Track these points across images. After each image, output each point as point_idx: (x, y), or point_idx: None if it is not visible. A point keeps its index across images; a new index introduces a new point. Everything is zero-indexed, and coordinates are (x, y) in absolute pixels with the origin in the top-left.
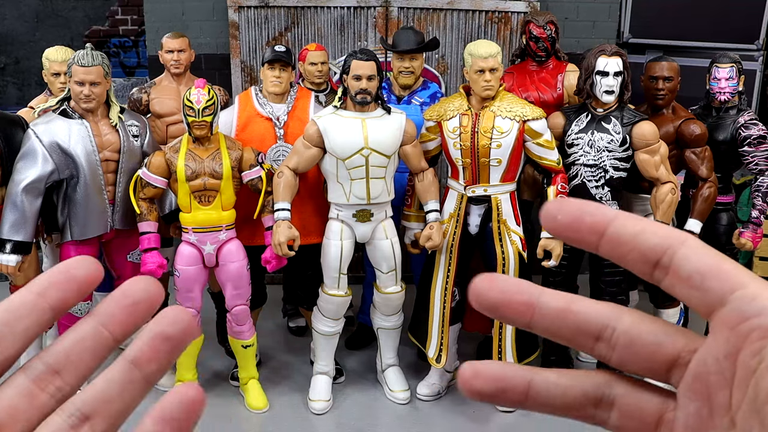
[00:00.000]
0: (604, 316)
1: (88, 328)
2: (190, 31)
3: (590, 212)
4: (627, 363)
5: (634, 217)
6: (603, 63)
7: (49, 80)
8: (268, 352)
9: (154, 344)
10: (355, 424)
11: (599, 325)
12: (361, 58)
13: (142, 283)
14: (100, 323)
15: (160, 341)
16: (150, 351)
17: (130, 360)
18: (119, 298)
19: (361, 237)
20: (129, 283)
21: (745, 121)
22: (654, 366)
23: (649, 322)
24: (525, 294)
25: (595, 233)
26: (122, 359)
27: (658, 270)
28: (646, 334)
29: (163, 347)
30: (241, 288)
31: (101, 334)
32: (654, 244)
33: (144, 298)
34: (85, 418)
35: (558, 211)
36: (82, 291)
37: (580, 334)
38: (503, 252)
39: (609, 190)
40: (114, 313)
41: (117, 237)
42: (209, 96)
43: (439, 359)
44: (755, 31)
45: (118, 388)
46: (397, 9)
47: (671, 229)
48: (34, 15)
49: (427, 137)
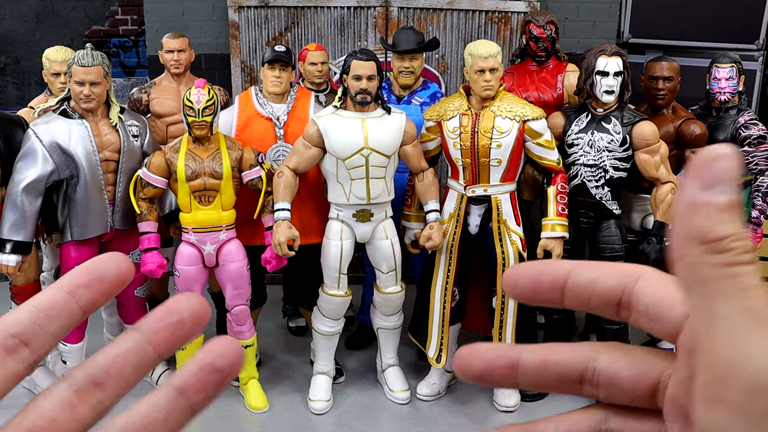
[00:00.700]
0: (582, 358)
1: (131, 342)
2: (190, 31)
3: (547, 272)
4: (614, 398)
5: (590, 265)
6: (603, 63)
7: (49, 80)
8: (268, 352)
9: (202, 375)
10: (355, 424)
11: (579, 368)
12: (361, 58)
13: (188, 301)
14: (145, 339)
15: (208, 373)
16: (198, 382)
17: (177, 388)
18: (165, 315)
19: (361, 237)
20: (175, 300)
21: (745, 121)
22: (638, 395)
23: (626, 354)
24: (505, 358)
25: (556, 290)
26: (168, 386)
27: (621, 309)
28: (624, 368)
29: (211, 378)
30: (241, 288)
31: (145, 351)
32: (610, 286)
33: (189, 317)
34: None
35: (517, 277)
36: (113, 291)
37: (564, 381)
38: (503, 252)
39: (609, 190)
40: (159, 329)
41: (117, 237)
42: (209, 96)
43: (439, 359)
44: (755, 31)
45: (163, 415)
46: (397, 9)
47: (625, 267)
48: (34, 15)
49: (427, 137)
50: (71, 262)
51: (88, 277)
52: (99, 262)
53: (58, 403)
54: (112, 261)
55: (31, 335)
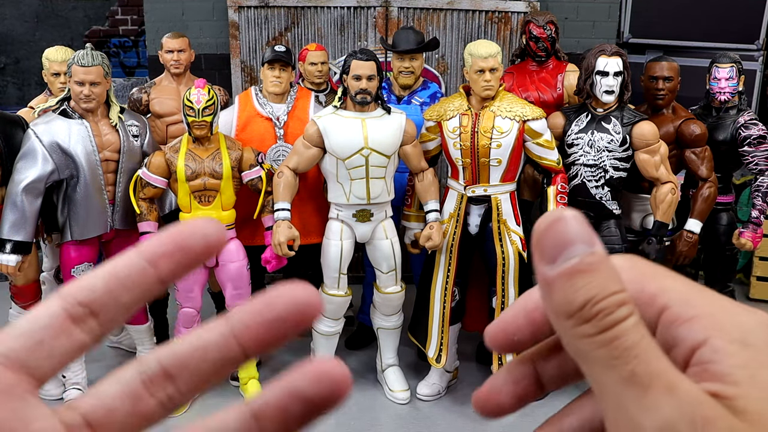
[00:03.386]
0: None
1: (216, 335)
2: (190, 31)
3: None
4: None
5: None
6: (603, 63)
7: (49, 80)
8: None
9: (285, 403)
10: (355, 424)
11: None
12: (361, 58)
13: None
14: (233, 333)
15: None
16: (277, 411)
17: (253, 412)
18: (262, 309)
19: (361, 237)
20: (277, 293)
21: (745, 121)
22: None
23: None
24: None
25: (535, 324)
26: (245, 406)
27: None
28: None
29: (293, 408)
30: (241, 288)
31: (230, 348)
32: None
33: (292, 314)
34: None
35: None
36: (197, 264)
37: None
38: (503, 252)
39: (609, 190)
40: (251, 325)
41: (117, 237)
42: (209, 96)
43: (439, 359)
44: (755, 31)
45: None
46: (397, 9)
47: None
48: (34, 15)
49: (427, 137)
50: (71, 262)
51: (172, 246)
52: (186, 230)
53: (122, 391)
54: (201, 228)
55: (101, 305)
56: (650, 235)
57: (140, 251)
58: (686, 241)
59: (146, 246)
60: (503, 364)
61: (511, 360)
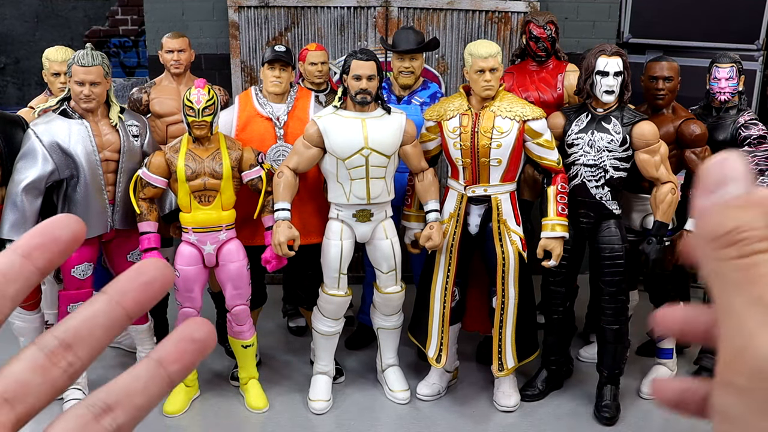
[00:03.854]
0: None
1: (101, 304)
2: (190, 31)
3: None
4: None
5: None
6: (603, 63)
7: (49, 80)
8: (268, 352)
9: (180, 346)
10: (355, 424)
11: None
12: (361, 58)
13: (156, 263)
14: (114, 300)
15: (186, 343)
16: (176, 352)
17: (157, 359)
18: (134, 276)
19: (361, 237)
20: (143, 262)
21: (745, 121)
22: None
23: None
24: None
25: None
26: (148, 358)
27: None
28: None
29: (189, 348)
30: (241, 288)
31: (114, 311)
32: None
33: (158, 277)
34: (108, 408)
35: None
36: (68, 251)
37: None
38: (503, 252)
39: (609, 190)
40: (127, 290)
41: (117, 237)
42: (209, 96)
43: (439, 359)
44: (755, 31)
45: (143, 384)
46: (397, 9)
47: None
48: (34, 15)
49: (427, 137)
50: (71, 262)
51: (42, 238)
52: (51, 223)
53: (29, 366)
54: (64, 221)
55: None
56: (650, 235)
57: (13, 248)
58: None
59: (18, 243)
60: (503, 364)
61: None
